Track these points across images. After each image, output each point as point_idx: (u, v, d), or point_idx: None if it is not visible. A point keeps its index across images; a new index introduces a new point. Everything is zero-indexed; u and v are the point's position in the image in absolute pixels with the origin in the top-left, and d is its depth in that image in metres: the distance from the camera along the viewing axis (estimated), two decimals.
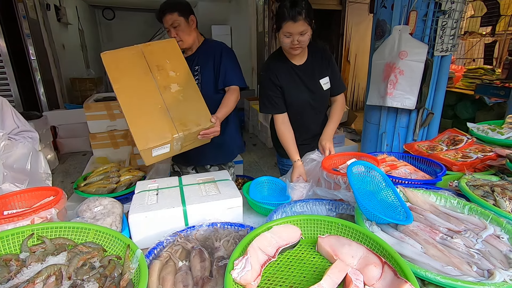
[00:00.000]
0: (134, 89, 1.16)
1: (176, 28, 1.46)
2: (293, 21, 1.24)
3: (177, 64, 1.27)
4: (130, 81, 1.16)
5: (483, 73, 4.20)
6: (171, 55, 1.27)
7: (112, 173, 1.48)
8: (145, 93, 1.17)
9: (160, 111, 1.18)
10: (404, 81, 1.87)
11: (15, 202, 0.99)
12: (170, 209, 0.96)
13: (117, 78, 1.14)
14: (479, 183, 1.07)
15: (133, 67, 1.18)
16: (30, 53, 4.23)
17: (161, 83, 1.21)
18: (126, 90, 1.14)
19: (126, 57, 1.18)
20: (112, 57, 1.16)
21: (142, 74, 1.19)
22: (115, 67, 1.15)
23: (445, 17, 1.80)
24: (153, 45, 1.24)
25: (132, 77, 1.17)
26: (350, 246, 0.74)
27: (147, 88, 1.18)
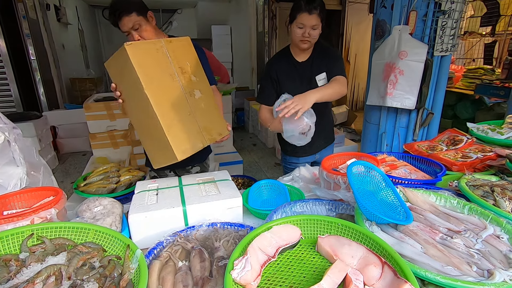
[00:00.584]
0: (164, 92, 1.04)
1: (137, 30, 1.32)
2: (308, 13, 1.34)
3: (196, 68, 1.18)
4: (159, 82, 1.03)
5: (483, 73, 4.20)
6: (189, 56, 1.16)
7: (112, 173, 1.48)
8: (174, 98, 1.06)
9: (189, 118, 1.10)
10: (404, 81, 1.87)
11: (15, 202, 0.99)
12: (170, 209, 0.96)
13: (148, 77, 1.00)
14: (479, 183, 1.07)
15: (159, 66, 1.05)
16: (30, 53, 4.23)
17: (186, 89, 1.11)
18: (158, 93, 1.01)
19: (151, 52, 1.03)
20: (136, 49, 0.98)
21: (168, 76, 1.06)
22: (142, 63, 0.99)
23: (445, 17, 1.80)
24: (174, 43, 1.11)
25: (160, 78, 1.04)
26: (350, 246, 0.74)
27: (175, 92, 1.07)
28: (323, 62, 1.54)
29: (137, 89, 0.99)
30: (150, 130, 1.06)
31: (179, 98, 1.08)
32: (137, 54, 0.97)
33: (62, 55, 5.25)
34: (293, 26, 1.43)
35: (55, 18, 5.16)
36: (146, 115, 1.02)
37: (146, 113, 1.01)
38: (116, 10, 1.29)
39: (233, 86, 4.63)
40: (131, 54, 0.95)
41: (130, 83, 1.01)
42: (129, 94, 1.09)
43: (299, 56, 1.55)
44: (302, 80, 1.55)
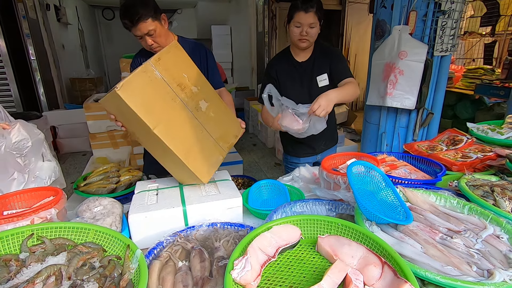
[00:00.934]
0: (173, 123, 0.98)
1: (152, 35, 1.28)
2: (304, 12, 1.36)
3: (193, 75, 1.09)
4: (164, 115, 0.95)
5: (482, 73, 4.20)
6: (184, 65, 1.07)
7: (112, 173, 1.48)
8: (183, 123, 1.01)
9: (203, 136, 1.06)
10: (404, 81, 1.87)
11: (15, 202, 0.99)
12: (170, 209, 0.96)
13: (152, 116, 0.92)
14: (479, 183, 1.07)
15: (158, 95, 0.96)
16: (30, 53, 4.23)
17: (191, 105, 1.04)
18: (167, 128, 0.95)
19: (145, 85, 0.92)
20: (130, 90, 0.88)
21: (171, 101, 0.98)
22: (142, 104, 0.90)
23: (445, 17, 1.80)
24: (163, 58, 1.00)
25: (164, 110, 0.96)
26: (350, 246, 0.74)
27: (182, 116, 1.01)
28: (324, 62, 1.53)
29: (144, 128, 0.92)
30: (168, 157, 1.03)
31: (187, 121, 1.02)
32: (132, 95, 0.88)
33: (62, 55, 5.25)
34: (291, 25, 1.44)
35: (55, 18, 5.15)
36: (160, 147, 0.98)
37: (160, 146, 0.96)
38: (132, 14, 1.21)
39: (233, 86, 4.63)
40: (126, 98, 0.87)
41: (134, 121, 0.93)
42: (135, 128, 1.02)
43: (299, 56, 1.56)
44: (302, 80, 1.56)
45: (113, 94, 0.86)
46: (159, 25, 1.29)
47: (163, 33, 1.32)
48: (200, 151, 1.04)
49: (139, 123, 0.91)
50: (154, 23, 1.26)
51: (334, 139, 1.81)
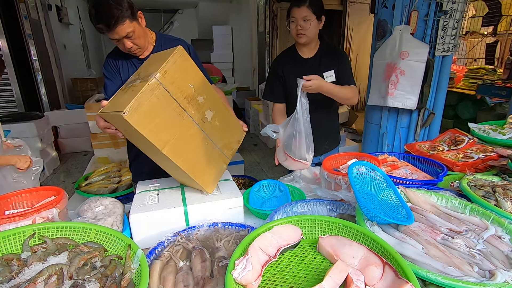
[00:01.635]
0: (180, 140, 0.95)
1: (131, 37, 1.17)
2: (297, 7, 1.41)
3: (199, 83, 1.03)
4: (172, 133, 0.92)
5: (484, 73, 4.19)
6: (190, 74, 1.01)
7: (113, 173, 1.48)
8: (191, 138, 0.98)
9: (209, 148, 1.05)
10: (405, 81, 1.87)
11: (17, 202, 0.99)
12: (171, 209, 0.96)
13: (161, 139, 0.90)
14: (481, 183, 1.06)
15: (166, 114, 0.91)
16: (31, 53, 4.24)
17: (197, 117, 1.00)
18: (175, 146, 0.93)
19: (153, 107, 0.87)
20: (138, 116, 0.84)
21: (178, 117, 0.94)
22: (150, 127, 0.86)
23: (446, 17, 1.80)
24: (169, 71, 0.92)
25: (171, 128, 0.92)
26: (351, 247, 0.74)
27: (190, 131, 0.98)
28: (332, 60, 1.53)
29: (152, 147, 0.90)
30: (174, 169, 1.03)
31: (195, 135, 1.00)
32: (140, 119, 0.84)
33: (63, 55, 5.26)
34: (289, 23, 1.50)
35: (56, 18, 5.17)
36: (168, 161, 0.97)
37: (168, 161, 0.96)
38: (107, 18, 1.09)
39: (234, 86, 4.63)
40: (135, 123, 0.83)
41: (141, 139, 0.91)
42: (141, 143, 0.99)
43: (304, 52, 1.57)
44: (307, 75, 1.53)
45: (119, 117, 0.82)
46: (137, 25, 1.18)
47: (141, 34, 1.21)
48: (206, 164, 1.04)
49: (146, 143, 0.90)
50: (132, 24, 1.14)
51: (337, 140, 1.81)
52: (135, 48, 1.21)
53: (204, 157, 1.03)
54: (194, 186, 1.10)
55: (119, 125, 0.96)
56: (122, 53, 1.30)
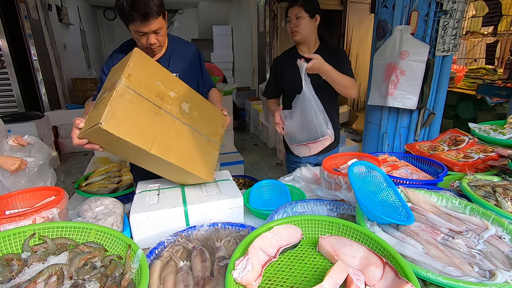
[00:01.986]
0: (165, 136, 0.95)
1: (158, 33, 1.19)
2: (291, 6, 1.51)
3: (166, 79, 1.04)
4: (155, 132, 0.92)
5: (484, 73, 4.19)
6: (153, 72, 1.01)
7: (113, 173, 1.48)
8: (175, 133, 0.99)
9: (196, 138, 1.05)
10: (405, 81, 1.87)
11: (17, 202, 0.99)
12: (171, 209, 0.96)
13: (146, 140, 0.89)
14: (481, 183, 1.06)
15: (143, 114, 0.91)
16: (31, 53, 4.25)
17: (174, 111, 1.01)
18: (162, 144, 0.92)
19: (128, 110, 0.87)
20: (116, 122, 0.82)
21: (156, 116, 0.94)
22: (131, 130, 0.86)
23: (446, 17, 1.80)
24: (132, 72, 0.92)
25: (153, 126, 0.92)
26: (351, 247, 0.73)
27: (172, 126, 0.99)
28: (330, 58, 1.52)
29: (139, 151, 0.89)
30: (168, 170, 1.03)
31: (178, 129, 1.00)
32: (119, 125, 0.82)
33: (63, 55, 5.27)
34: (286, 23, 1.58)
35: (56, 18, 5.18)
36: (158, 163, 0.97)
37: (158, 162, 0.95)
38: (145, 8, 1.09)
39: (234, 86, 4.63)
40: (114, 130, 0.81)
41: (126, 148, 0.89)
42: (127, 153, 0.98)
43: (303, 51, 1.62)
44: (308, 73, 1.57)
45: (98, 130, 0.80)
46: (164, 23, 1.22)
47: (165, 32, 1.25)
48: (198, 154, 1.04)
49: (133, 149, 0.89)
50: (162, 21, 1.18)
51: (336, 140, 1.81)
52: (157, 45, 1.21)
53: (194, 148, 1.03)
54: (193, 181, 1.09)
55: (102, 140, 0.92)
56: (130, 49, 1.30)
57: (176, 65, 1.37)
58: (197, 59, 1.45)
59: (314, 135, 1.44)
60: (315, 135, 1.44)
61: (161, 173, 1.08)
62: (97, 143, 0.94)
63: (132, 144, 0.85)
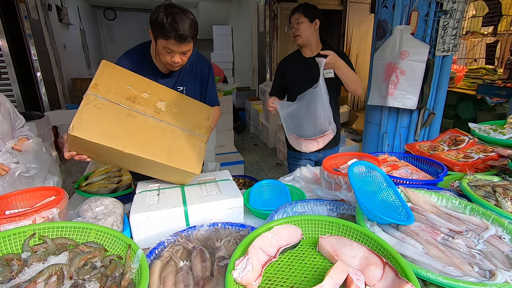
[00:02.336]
0: (141, 135, 0.97)
1: (185, 54, 1.21)
2: (292, 14, 1.66)
3: (137, 83, 1.06)
4: (129, 132, 0.95)
5: (484, 73, 4.18)
6: (122, 79, 1.04)
7: (113, 173, 1.48)
8: (150, 131, 1.00)
9: (176, 134, 1.06)
10: (405, 81, 1.87)
11: (17, 202, 0.99)
12: (171, 209, 0.96)
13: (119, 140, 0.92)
14: (481, 183, 1.06)
15: (113, 118, 0.95)
16: (31, 53, 4.24)
17: (149, 111, 1.03)
18: (137, 143, 0.94)
19: (95, 116, 0.91)
20: (84, 128, 0.88)
21: (128, 117, 0.98)
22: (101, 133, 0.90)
23: (446, 17, 1.80)
24: (99, 81, 0.97)
25: (125, 127, 0.95)
26: (351, 247, 0.74)
27: (146, 125, 1.01)
28: None
29: (116, 152, 0.93)
30: (153, 168, 1.03)
31: (153, 127, 1.02)
32: (87, 130, 0.88)
33: (63, 55, 5.26)
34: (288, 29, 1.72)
35: (56, 18, 5.17)
36: (140, 162, 0.98)
37: (140, 161, 0.97)
38: (183, 31, 1.11)
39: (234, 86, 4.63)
40: (83, 135, 0.87)
41: (104, 151, 0.94)
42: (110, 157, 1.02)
43: (306, 53, 1.73)
44: (308, 72, 1.65)
45: (70, 137, 0.87)
46: (192, 46, 1.23)
47: (190, 54, 1.25)
48: (179, 148, 1.04)
49: (109, 151, 0.92)
50: (192, 44, 1.21)
51: (337, 138, 1.82)
52: (179, 64, 1.24)
53: (174, 143, 1.04)
54: (184, 179, 1.09)
55: (82, 148, 0.97)
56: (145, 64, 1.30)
57: (185, 80, 1.39)
58: (207, 77, 1.46)
59: (323, 128, 1.52)
60: (324, 128, 1.52)
61: (152, 174, 1.09)
62: (81, 152, 0.99)
63: (105, 146, 0.89)
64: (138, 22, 8.18)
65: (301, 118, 1.53)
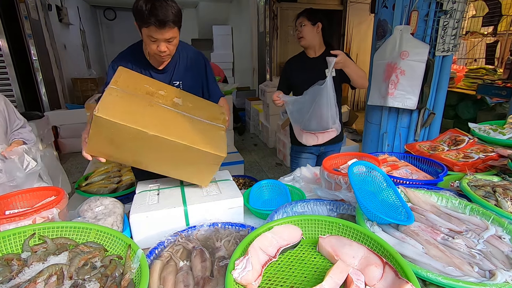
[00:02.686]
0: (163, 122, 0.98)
1: (170, 42, 1.21)
2: (297, 18, 1.80)
3: (154, 83, 1.12)
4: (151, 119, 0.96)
5: (484, 73, 4.19)
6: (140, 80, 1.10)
7: (113, 173, 1.48)
8: (172, 119, 1.02)
9: (195, 122, 1.06)
10: (405, 81, 1.87)
11: (17, 202, 0.99)
12: (171, 209, 0.96)
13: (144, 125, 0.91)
14: (481, 183, 1.06)
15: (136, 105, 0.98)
16: (31, 53, 4.24)
17: (168, 103, 1.06)
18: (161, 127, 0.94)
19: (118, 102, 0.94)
20: (110, 110, 0.89)
21: (149, 107, 1.00)
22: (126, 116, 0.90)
23: (446, 17, 1.80)
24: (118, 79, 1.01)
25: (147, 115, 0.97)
26: (351, 247, 0.74)
27: (167, 114, 1.03)
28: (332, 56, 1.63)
29: (141, 139, 0.92)
30: (176, 159, 1.01)
31: (174, 116, 1.04)
32: (113, 112, 0.88)
33: (63, 55, 5.26)
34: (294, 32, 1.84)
35: (56, 18, 5.18)
36: (163, 151, 0.97)
37: (163, 149, 0.96)
38: (165, 15, 1.11)
39: (234, 86, 4.63)
40: (109, 116, 0.86)
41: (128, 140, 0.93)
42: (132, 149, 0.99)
43: (310, 54, 1.86)
44: (311, 71, 1.77)
45: (95, 120, 0.85)
46: (178, 34, 1.24)
47: (177, 43, 1.26)
48: (202, 133, 1.03)
49: (131, 138, 0.90)
50: (177, 31, 1.21)
51: (340, 134, 1.85)
52: (166, 54, 1.22)
53: (195, 130, 1.04)
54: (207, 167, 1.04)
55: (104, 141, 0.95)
56: (140, 62, 1.31)
57: (180, 74, 1.39)
58: (203, 69, 1.45)
59: (325, 125, 1.63)
60: (326, 126, 1.63)
61: (170, 169, 1.05)
62: (99, 150, 0.97)
63: (129, 127, 0.87)
64: None
65: (306, 112, 1.62)
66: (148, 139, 0.91)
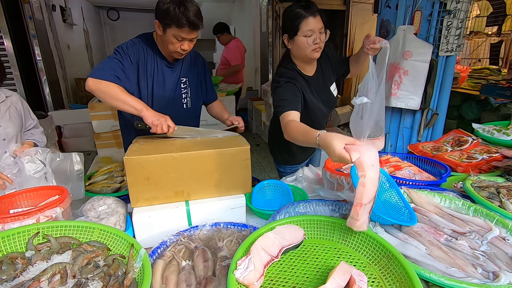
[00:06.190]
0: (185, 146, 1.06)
1: (192, 41, 1.29)
2: (313, 17, 1.22)
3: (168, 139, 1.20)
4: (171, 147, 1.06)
5: (488, 73, 4.15)
6: (154, 139, 1.20)
7: (116, 173, 1.49)
8: (192, 143, 1.11)
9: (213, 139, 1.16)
10: (409, 82, 1.86)
11: (21, 201, 1.00)
12: (173, 209, 0.96)
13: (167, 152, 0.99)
14: (484, 184, 1.06)
15: (156, 144, 1.10)
16: (36, 53, 4.27)
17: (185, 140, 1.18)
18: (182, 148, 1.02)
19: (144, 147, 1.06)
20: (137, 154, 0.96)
21: (169, 142, 1.13)
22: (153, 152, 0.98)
23: (450, 17, 1.79)
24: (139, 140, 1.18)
25: (168, 146, 1.07)
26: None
27: (187, 143, 1.11)
28: (328, 69, 1.52)
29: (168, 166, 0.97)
30: (211, 173, 1.02)
31: (192, 141, 1.14)
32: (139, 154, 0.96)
33: (67, 55, 5.29)
34: (298, 38, 1.28)
35: (60, 18, 5.21)
36: (196, 169, 1.00)
37: (194, 166, 0.99)
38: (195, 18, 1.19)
39: (237, 86, 4.63)
40: (137, 155, 0.95)
41: (157, 171, 0.97)
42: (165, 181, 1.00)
43: (307, 71, 1.42)
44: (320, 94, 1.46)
45: (127, 164, 0.93)
46: None
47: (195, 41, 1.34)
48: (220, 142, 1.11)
49: (163, 167, 0.96)
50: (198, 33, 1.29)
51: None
52: (187, 51, 1.31)
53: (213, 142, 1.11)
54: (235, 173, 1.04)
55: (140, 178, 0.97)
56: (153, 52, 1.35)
57: (185, 71, 1.47)
58: (203, 71, 1.54)
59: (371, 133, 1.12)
60: None
61: (206, 188, 1.03)
62: (142, 193, 0.99)
63: (157, 156, 0.95)
64: (141, 22, 8.21)
65: None
66: (176, 162, 0.96)
